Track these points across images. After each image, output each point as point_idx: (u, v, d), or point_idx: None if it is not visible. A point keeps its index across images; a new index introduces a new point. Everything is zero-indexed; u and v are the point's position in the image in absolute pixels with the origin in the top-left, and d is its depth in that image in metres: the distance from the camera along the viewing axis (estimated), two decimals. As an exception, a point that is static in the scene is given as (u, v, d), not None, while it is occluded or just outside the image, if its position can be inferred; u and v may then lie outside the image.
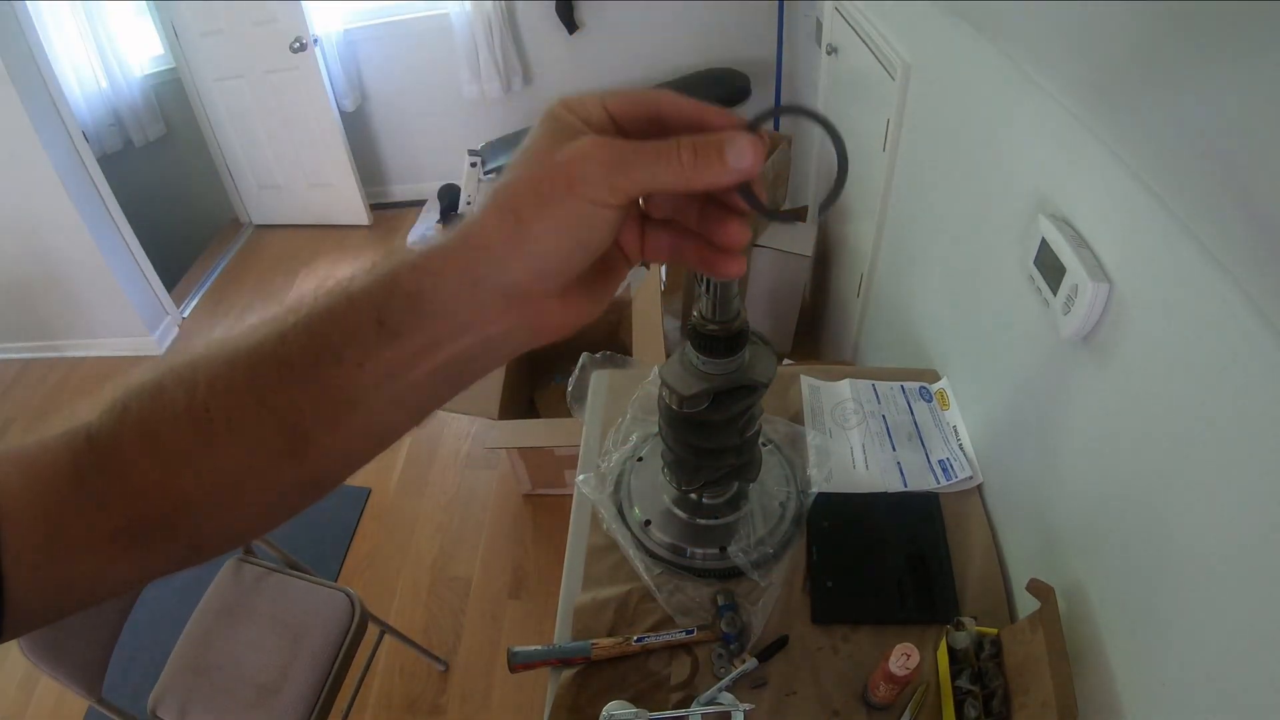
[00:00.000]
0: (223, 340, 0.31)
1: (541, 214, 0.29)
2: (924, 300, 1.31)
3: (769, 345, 0.76)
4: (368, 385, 0.30)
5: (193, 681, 1.25)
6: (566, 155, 0.29)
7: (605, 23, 2.97)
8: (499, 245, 0.29)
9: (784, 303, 2.24)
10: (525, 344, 0.33)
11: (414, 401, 0.32)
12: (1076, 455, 0.75)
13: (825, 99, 2.08)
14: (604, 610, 0.87)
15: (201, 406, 0.30)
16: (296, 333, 0.29)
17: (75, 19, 2.74)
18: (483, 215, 0.30)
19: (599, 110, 0.31)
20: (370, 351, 0.29)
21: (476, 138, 2.93)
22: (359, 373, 0.29)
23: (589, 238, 0.30)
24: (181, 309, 2.99)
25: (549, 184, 0.29)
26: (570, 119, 0.31)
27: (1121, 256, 0.65)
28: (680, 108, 0.32)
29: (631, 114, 0.32)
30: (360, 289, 0.30)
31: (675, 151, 0.29)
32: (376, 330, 0.29)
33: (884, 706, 0.77)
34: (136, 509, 0.31)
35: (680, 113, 0.31)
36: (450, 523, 2.07)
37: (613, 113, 0.32)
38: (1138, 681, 0.63)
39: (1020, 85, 0.84)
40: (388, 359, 0.29)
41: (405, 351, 0.30)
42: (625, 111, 0.32)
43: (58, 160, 2.34)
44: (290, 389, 0.29)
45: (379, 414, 0.31)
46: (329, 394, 0.30)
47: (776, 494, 0.95)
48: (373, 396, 0.30)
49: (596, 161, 0.29)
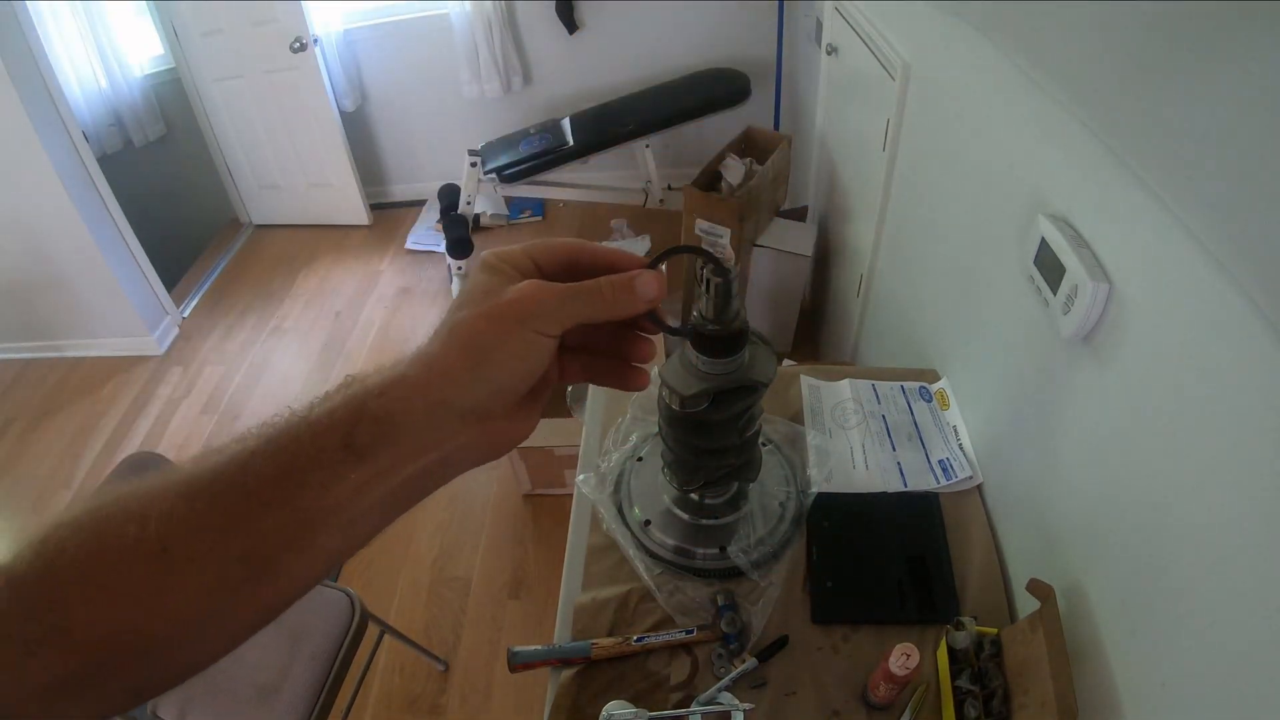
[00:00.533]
0: (169, 470, 0.30)
1: (500, 344, 0.33)
2: (924, 300, 1.31)
3: (769, 345, 0.76)
4: (333, 506, 0.31)
5: (192, 681, 1.25)
6: (516, 295, 0.34)
7: (605, 23, 2.97)
8: (461, 373, 0.33)
9: (784, 303, 2.24)
10: (478, 460, 0.37)
11: (375, 518, 0.34)
12: (1076, 455, 0.75)
13: (825, 99, 2.08)
14: (604, 610, 0.87)
15: (155, 540, 0.29)
16: (260, 460, 0.30)
17: (75, 19, 2.74)
18: (443, 347, 0.33)
19: (526, 260, 0.37)
20: (337, 473, 0.31)
21: (476, 138, 2.93)
22: (325, 494, 0.31)
23: (535, 363, 0.34)
24: (181, 309, 2.99)
25: (504, 321, 0.33)
26: (504, 268, 0.36)
27: (1121, 256, 0.65)
28: (594, 254, 0.38)
29: (552, 261, 0.37)
30: (321, 415, 0.31)
31: (599, 290, 0.35)
32: (343, 453, 0.31)
33: (884, 706, 0.77)
34: (77, 657, 0.28)
35: (594, 258, 0.38)
36: (450, 523, 2.07)
37: (537, 261, 0.37)
38: (1138, 681, 0.63)
39: (1020, 85, 0.84)
40: (354, 480, 0.31)
41: (371, 472, 0.32)
42: (548, 260, 0.37)
43: (58, 160, 2.34)
44: (254, 518, 0.30)
45: (343, 532, 0.32)
46: (296, 518, 0.30)
47: (776, 494, 0.95)
48: (337, 517, 0.31)
49: (542, 300, 0.34)
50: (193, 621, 0.30)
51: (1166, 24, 0.53)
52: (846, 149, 1.91)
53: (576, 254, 0.38)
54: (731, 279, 0.64)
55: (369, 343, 2.78)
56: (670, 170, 3.07)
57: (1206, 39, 0.49)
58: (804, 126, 2.54)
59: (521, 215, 3.32)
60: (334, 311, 2.95)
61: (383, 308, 2.95)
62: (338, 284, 3.11)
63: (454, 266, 2.92)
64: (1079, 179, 0.73)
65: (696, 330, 0.69)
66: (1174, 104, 0.54)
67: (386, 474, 0.32)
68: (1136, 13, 0.57)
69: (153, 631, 0.29)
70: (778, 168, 2.15)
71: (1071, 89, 0.72)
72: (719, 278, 0.65)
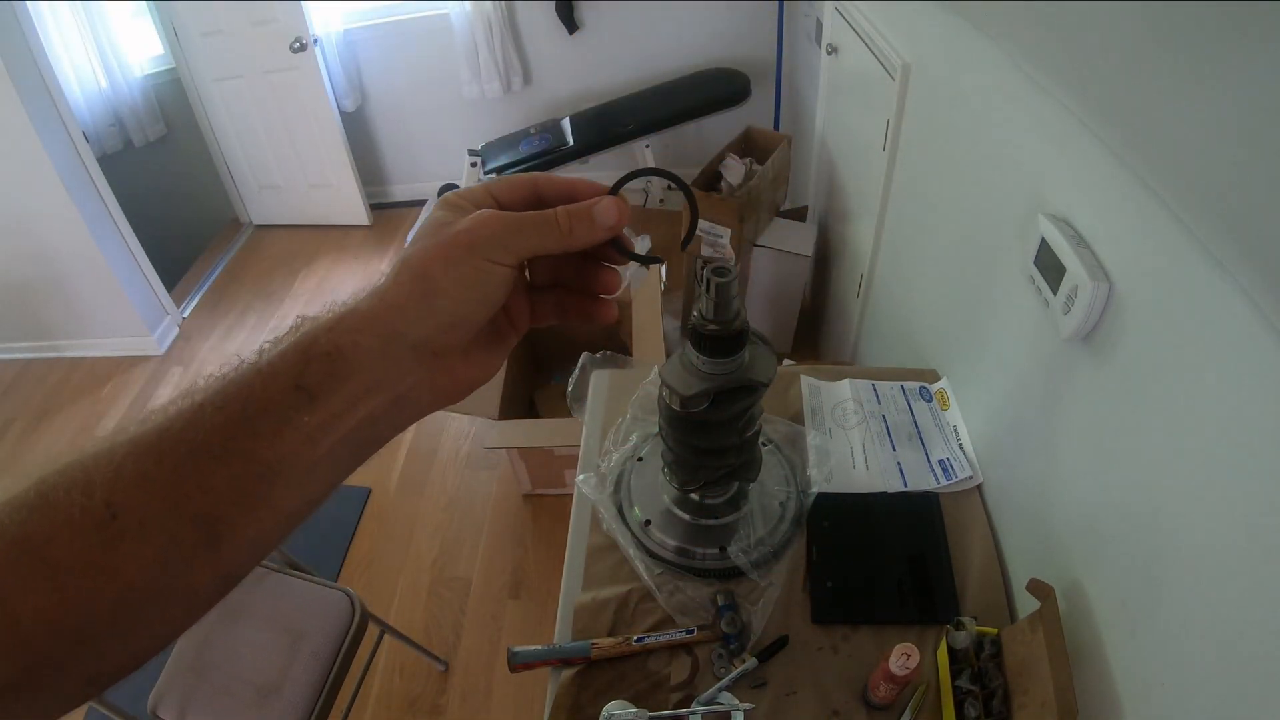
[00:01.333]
0: (114, 433, 0.29)
1: (448, 273, 0.32)
2: (924, 300, 1.31)
3: (769, 345, 0.76)
4: (287, 455, 0.30)
5: (193, 681, 1.25)
6: (467, 224, 0.33)
7: (605, 23, 2.97)
8: (411, 304, 0.32)
9: (784, 303, 2.24)
10: (434, 402, 0.35)
11: (330, 469, 0.32)
12: (1076, 455, 0.75)
13: (825, 99, 2.08)
14: (604, 610, 0.87)
15: (103, 507, 0.26)
16: (208, 413, 0.28)
17: (75, 19, 2.74)
18: (394, 278, 0.32)
19: (486, 196, 0.36)
20: (288, 418, 0.29)
21: (476, 138, 2.93)
22: (277, 443, 0.29)
23: (488, 293, 0.33)
24: (181, 309, 2.99)
25: (454, 248, 0.32)
26: (463, 204, 0.35)
27: (1121, 256, 0.65)
28: (554, 184, 0.37)
29: (513, 196, 0.37)
30: (273, 359, 0.30)
31: (555, 218, 0.34)
32: (294, 395, 0.30)
33: (884, 706, 0.77)
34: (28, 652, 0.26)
35: (554, 188, 0.37)
36: (450, 523, 2.07)
37: (497, 196, 0.37)
38: (1138, 681, 0.63)
39: (1020, 85, 0.84)
40: (307, 424, 0.30)
41: (324, 414, 0.30)
42: (507, 195, 0.37)
43: (58, 160, 2.34)
44: (205, 473, 0.28)
45: (299, 486, 0.31)
46: (249, 470, 0.29)
47: (776, 494, 0.95)
48: (293, 467, 0.30)
49: (493, 227, 0.33)
50: (148, 593, 0.28)
51: (1166, 24, 0.53)
52: (846, 149, 1.91)
53: (537, 186, 0.37)
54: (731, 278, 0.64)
55: (369, 343, 2.78)
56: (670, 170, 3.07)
57: (1206, 39, 0.49)
58: (804, 126, 2.54)
59: (521, 215, 3.32)
60: (334, 311, 2.95)
61: (383, 308, 2.95)
62: (338, 284, 3.11)
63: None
64: (1079, 179, 0.73)
65: (696, 330, 0.69)
66: (1174, 104, 0.54)
67: (341, 415, 0.30)
68: (1137, 13, 0.57)
69: (106, 609, 0.27)
70: (778, 168, 2.15)
71: (1071, 89, 0.72)
72: (719, 277, 0.65)
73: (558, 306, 0.40)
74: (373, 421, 0.32)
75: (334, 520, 2.10)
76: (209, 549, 0.29)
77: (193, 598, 0.30)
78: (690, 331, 0.70)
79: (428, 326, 0.32)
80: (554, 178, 0.38)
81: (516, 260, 0.34)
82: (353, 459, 0.33)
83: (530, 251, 0.34)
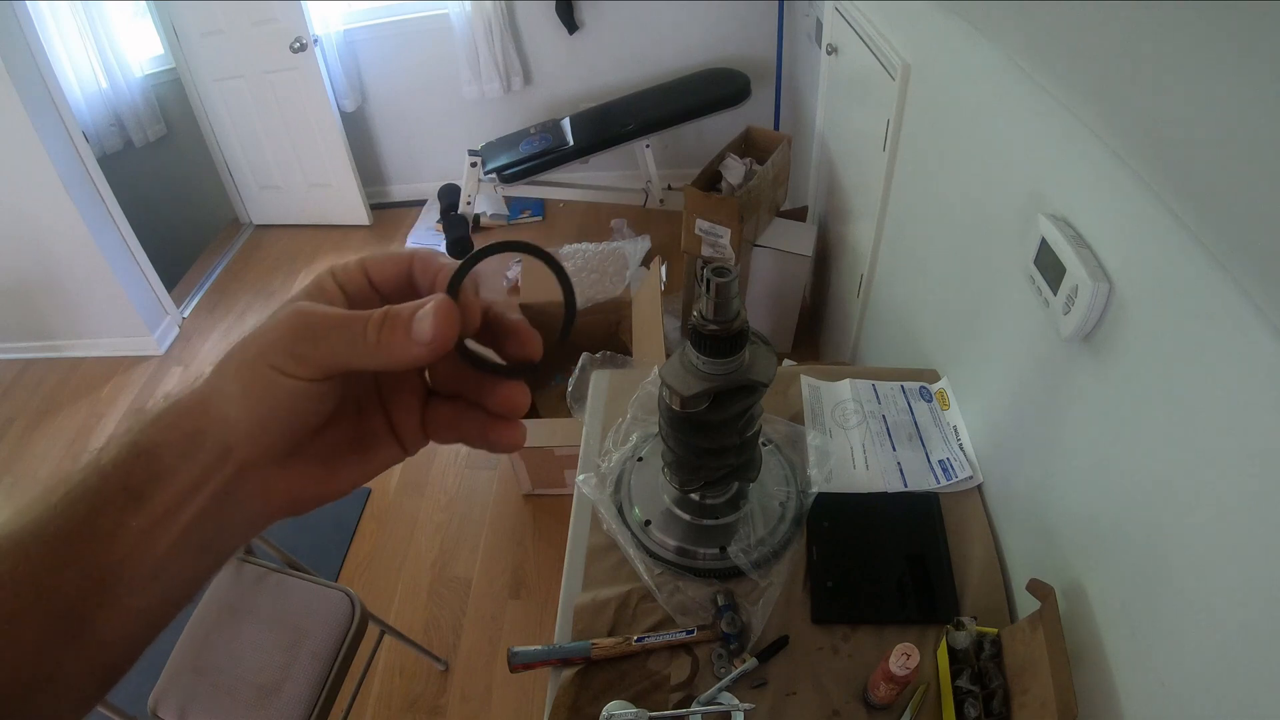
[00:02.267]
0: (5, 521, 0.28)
1: (238, 378, 0.28)
2: (924, 300, 1.31)
3: (769, 345, 0.76)
4: (124, 559, 0.28)
5: (193, 681, 1.25)
6: (270, 323, 0.28)
7: (605, 23, 2.97)
8: (213, 404, 0.29)
9: (784, 303, 2.24)
10: (264, 512, 0.31)
11: (174, 573, 0.29)
12: (1076, 455, 0.75)
13: (825, 99, 2.08)
14: (604, 610, 0.87)
15: None
16: (55, 514, 0.28)
17: (75, 19, 2.74)
18: (213, 372, 0.29)
19: (359, 275, 0.31)
20: (120, 521, 0.28)
21: (476, 138, 2.93)
22: (114, 546, 0.28)
23: (276, 407, 0.28)
24: (181, 309, 2.99)
25: (246, 349, 0.28)
26: (330, 285, 0.30)
27: (1121, 256, 0.65)
28: (427, 268, 0.31)
29: (385, 275, 0.31)
30: (110, 459, 0.29)
31: (363, 325, 0.28)
32: (123, 497, 0.28)
33: (884, 706, 0.77)
34: None
35: (426, 274, 0.31)
36: (450, 523, 2.07)
37: (371, 277, 0.31)
38: (1138, 681, 0.63)
39: (1020, 85, 0.84)
40: (135, 527, 0.28)
41: (149, 517, 0.28)
42: (380, 274, 0.31)
43: (58, 160, 2.34)
44: (58, 572, 0.27)
45: (145, 588, 0.29)
46: (92, 574, 0.28)
47: (776, 494, 0.95)
48: (133, 570, 0.28)
49: (284, 330, 0.28)
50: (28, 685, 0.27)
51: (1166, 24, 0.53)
52: (846, 149, 1.91)
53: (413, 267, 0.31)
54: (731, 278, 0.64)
55: (369, 343, 2.78)
56: (670, 170, 3.07)
57: (1207, 39, 0.49)
58: (804, 126, 2.54)
59: (521, 215, 3.32)
60: (334, 311, 2.95)
61: (383, 308, 2.95)
62: (338, 284, 3.11)
63: (454, 266, 2.92)
64: (1079, 179, 0.73)
65: (696, 330, 0.69)
66: (1174, 104, 0.54)
67: (167, 518, 0.28)
68: (1137, 12, 0.57)
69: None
70: (778, 168, 2.15)
71: (1071, 89, 0.72)
72: (719, 277, 0.65)
73: (453, 423, 0.33)
74: (203, 523, 0.29)
75: (334, 520, 2.10)
76: (78, 644, 0.28)
77: (76, 692, 0.29)
78: (690, 331, 0.70)
79: (232, 431, 0.28)
80: (432, 259, 0.31)
81: (312, 374, 0.28)
82: (199, 561, 0.30)
83: (332, 364, 0.28)
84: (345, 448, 0.32)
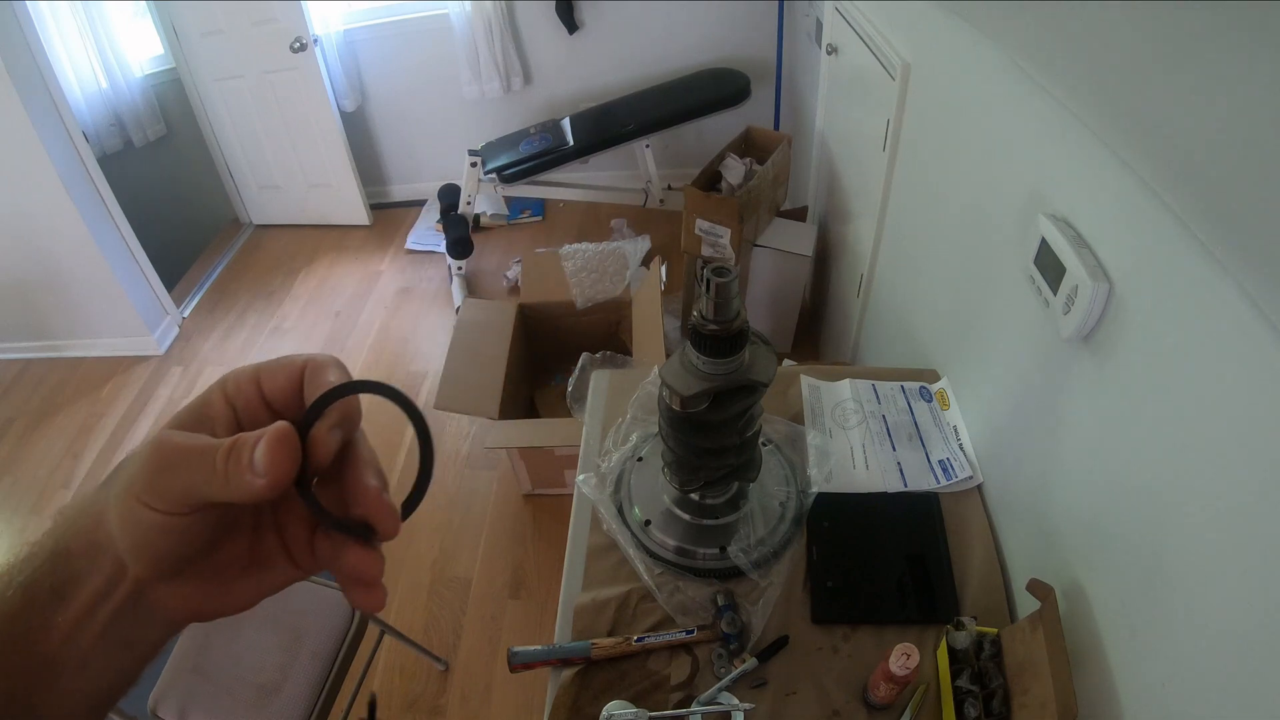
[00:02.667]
0: None
1: (115, 502, 0.28)
2: (924, 300, 1.31)
3: (769, 345, 0.76)
4: (54, 651, 0.29)
5: (193, 682, 1.25)
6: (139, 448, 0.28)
7: (605, 23, 2.97)
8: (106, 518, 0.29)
9: (784, 303, 2.24)
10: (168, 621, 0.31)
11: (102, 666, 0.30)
12: (1076, 455, 0.75)
13: (825, 99, 2.08)
14: (604, 610, 0.87)
15: None
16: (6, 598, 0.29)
17: (75, 19, 2.74)
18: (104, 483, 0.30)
19: (250, 388, 0.30)
20: (48, 618, 0.29)
21: (476, 138, 2.93)
22: (45, 639, 0.29)
23: (149, 536, 0.28)
24: (181, 309, 2.99)
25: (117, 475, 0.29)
26: (218, 402, 0.30)
27: (1121, 256, 0.65)
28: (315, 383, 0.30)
29: (280, 387, 0.30)
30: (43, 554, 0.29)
31: (211, 457, 0.27)
32: (49, 596, 0.29)
33: (884, 706, 0.77)
34: None
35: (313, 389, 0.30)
36: (450, 523, 2.07)
37: (264, 388, 0.30)
38: (1138, 681, 0.63)
39: (1020, 85, 0.84)
40: (61, 624, 0.29)
41: (72, 614, 0.29)
42: (275, 385, 0.30)
43: (58, 160, 2.34)
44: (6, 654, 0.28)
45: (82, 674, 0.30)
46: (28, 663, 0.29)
47: (776, 494, 0.95)
48: (66, 660, 0.29)
49: (146, 463, 0.28)
50: None
51: (1167, 23, 0.53)
52: (846, 149, 1.91)
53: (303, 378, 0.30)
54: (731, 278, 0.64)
55: (369, 343, 2.78)
56: (670, 170, 3.07)
57: (1207, 39, 0.49)
58: (804, 126, 2.54)
59: (521, 215, 3.32)
60: (334, 311, 2.95)
61: (383, 308, 2.95)
62: (338, 284, 3.11)
63: (454, 267, 2.92)
64: (1079, 179, 0.73)
65: (696, 330, 0.69)
66: (1174, 104, 0.54)
67: (86, 617, 0.29)
68: (1137, 12, 0.57)
69: None
70: (778, 168, 2.15)
71: (1071, 89, 0.72)
72: (719, 277, 0.65)
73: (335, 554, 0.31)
74: (118, 622, 0.30)
75: (334, 520, 2.10)
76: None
77: None
78: (690, 331, 0.70)
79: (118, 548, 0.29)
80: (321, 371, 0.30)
81: (170, 507, 0.27)
82: (124, 655, 0.31)
83: (190, 497, 0.28)
84: (239, 566, 0.31)
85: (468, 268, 2.94)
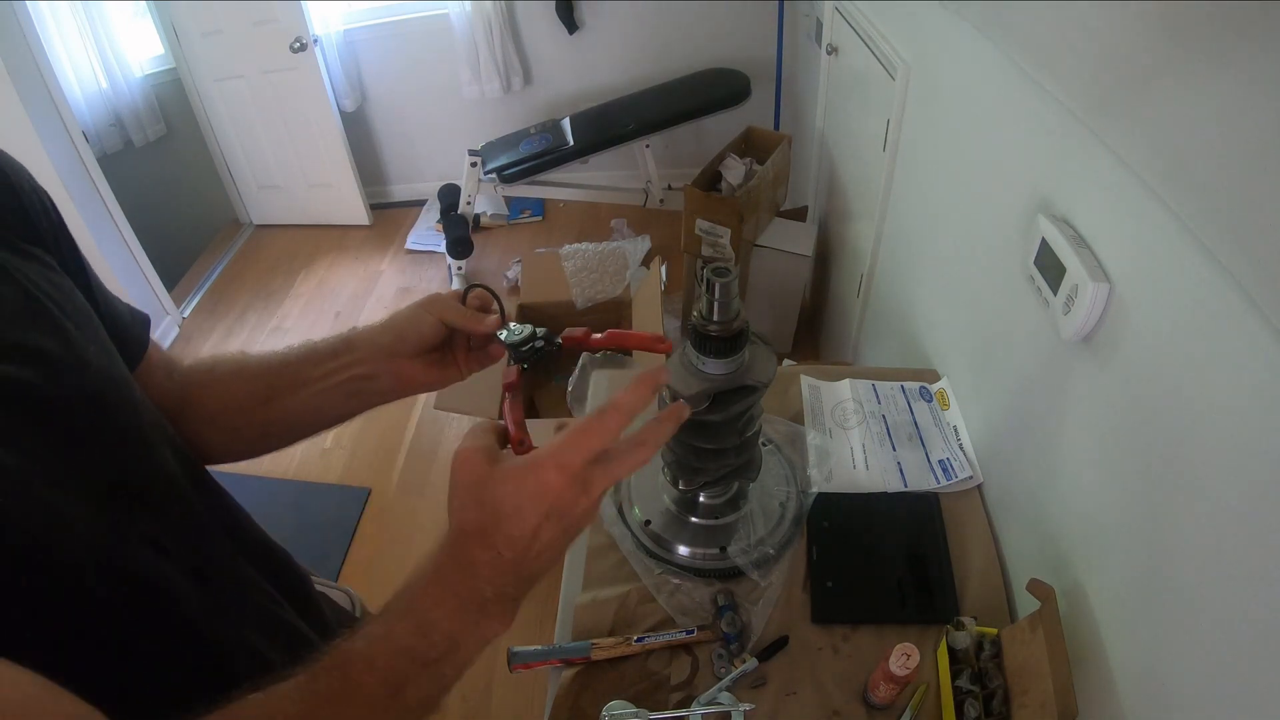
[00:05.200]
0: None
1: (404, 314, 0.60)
2: (924, 300, 1.31)
3: (769, 345, 0.76)
4: (314, 377, 0.60)
5: (193, 681, 1.25)
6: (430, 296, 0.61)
7: (605, 23, 2.97)
8: (383, 324, 0.60)
9: (784, 303, 2.24)
10: (391, 388, 0.61)
11: (334, 400, 0.60)
12: (1077, 455, 0.75)
13: (825, 99, 2.08)
14: (604, 610, 0.87)
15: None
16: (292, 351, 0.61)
17: (75, 19, 2.74)
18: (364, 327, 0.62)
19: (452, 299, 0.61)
20: (321, 363, 0.60)
21: (476, 138, 2.93)
22: (315, 370, 0.60)
23: (419, 330, 0.59)
24: (181, 309, 2.99)
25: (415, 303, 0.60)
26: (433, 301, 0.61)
27: (1121, 256, 0.66)
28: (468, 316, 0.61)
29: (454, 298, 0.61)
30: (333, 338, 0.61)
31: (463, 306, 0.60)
32: (331, 353, 0.60)
33: (884, 706, 0.77)
34: None
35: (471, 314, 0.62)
36: (450, 523, 2.07)
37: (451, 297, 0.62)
38: (1138, 681, 0.63)
39: (1020, 85, 0.84)
40: (328, 366, 0.60)
41: (330, 366, 0.60)
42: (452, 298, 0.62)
43: (58, 160, 2.34)
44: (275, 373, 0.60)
45: (313, 397, 0.60)
46: (299, 377, 0.60)
47: (776, 494, 0.95)
48: (313, 385, 0.60)
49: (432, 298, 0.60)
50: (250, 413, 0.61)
51: (1167, 24, 0.53)
52: (846, 149, 1.91)
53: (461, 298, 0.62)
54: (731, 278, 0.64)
55: (369, 343, 2.78)
56: (670, 170, 3.07)
57: (1206, 39, 0.49)
58: (804, 126, 2.54)
59: (521, 215, 3.32)
60: (334, 312, 2.95)
61: (383, 308, 2.95)
62: (338, 284, 3.11)
63: (454, 266, 2.92)
64: (1079, 179, 0.73)
65: (696, 330, 0.69)
66: (1174, 104, 0.54)
67: (339, 370, 0.59)
68: (1137, 13, 0.57)
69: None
70: (778, 168, 2.15)
71: (1071, 89, 0.72)
72: (719, 277, 0.65)
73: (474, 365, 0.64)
74: (358, 381, 0.60)
75: (334, 520, 2.10)
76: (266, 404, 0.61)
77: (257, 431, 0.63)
78: (690, 332, 0.70)
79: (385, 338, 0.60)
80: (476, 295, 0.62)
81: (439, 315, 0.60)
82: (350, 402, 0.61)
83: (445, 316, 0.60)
84: (436, 365, 0.62)
85: (468, 268, 2.94)
